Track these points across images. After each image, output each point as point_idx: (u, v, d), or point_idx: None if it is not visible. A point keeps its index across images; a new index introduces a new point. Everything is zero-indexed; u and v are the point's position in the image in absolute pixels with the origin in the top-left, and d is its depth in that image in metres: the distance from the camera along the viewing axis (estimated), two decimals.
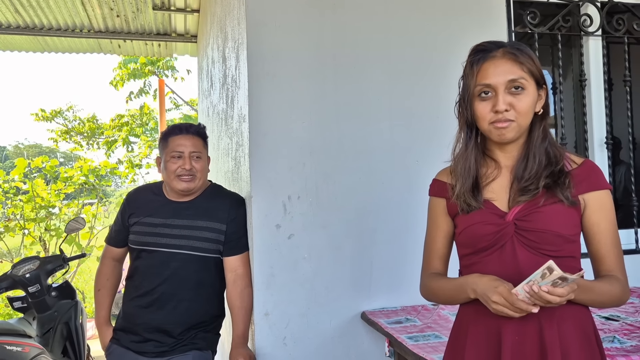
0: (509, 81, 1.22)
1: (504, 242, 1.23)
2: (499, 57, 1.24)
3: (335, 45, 2.26)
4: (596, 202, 1.25)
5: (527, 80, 1.23)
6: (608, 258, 1.25)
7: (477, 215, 1.27)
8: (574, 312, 1.22)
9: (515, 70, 1.22)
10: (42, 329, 2.80)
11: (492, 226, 1.24)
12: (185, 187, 2.07)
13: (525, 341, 1.19)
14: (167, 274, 2.04)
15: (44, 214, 6.51)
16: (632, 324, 1.86)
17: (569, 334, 1.19)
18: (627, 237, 2.68)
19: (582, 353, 1.19)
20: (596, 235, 1.25)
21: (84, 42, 5.27)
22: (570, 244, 1.23)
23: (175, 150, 2.08)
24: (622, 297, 1.24)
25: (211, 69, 3.74)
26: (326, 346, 2.19)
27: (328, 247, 2.20)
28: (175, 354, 2.01)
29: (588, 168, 1.27)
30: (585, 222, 1.26)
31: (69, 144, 12.27)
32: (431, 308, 2.19)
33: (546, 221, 1.21)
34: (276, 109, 2.18)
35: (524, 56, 1.24)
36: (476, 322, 1.26)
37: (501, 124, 1.23)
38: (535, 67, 1.25)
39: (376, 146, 2.28)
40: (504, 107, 1.21)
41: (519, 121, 1.23)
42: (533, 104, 1.24)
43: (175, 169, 2.07)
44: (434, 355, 1.62)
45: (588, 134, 2.76)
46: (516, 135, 1.25)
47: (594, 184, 1.25)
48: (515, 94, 1.22)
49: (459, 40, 2.27)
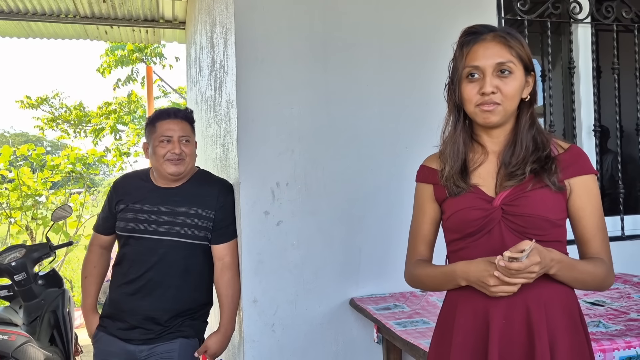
0: (497, 64, 1.22)
1: (492, 227, 1.24)
2: (489, 40, 1.24)
3: (325, 30, 2.23)
4: (582, 186, 1.25)
5: (515, 65, 1.23)
6: (594, 242, 1.26)
7: (465, 201, 1.27)
8: (561, 296, 1.23)
9: (504, 54, 1.23)
10: (29, 318, 2.78)
11: (479, 211, 1.25)
12: (175, 171, 2.05)
13: (513, 325, 1.20)
14: (155, 261, 2.03)
15: (30, 202, 6.44)
16: (617, 309, 1.88)
17: (556, 317, 1.20)
18: (613, 224, 2.71)
19: (568, 336, 1.20)
20: (582, 220, 1.26)
21: (69, 28, 5.17)
22: (557, 228, 1.23)
23: (164, 135, 2.06)
24: (606, 279, 1.25)
25: (199, 55, 3.69)
26: (314, 332, 2.19)
27: (317, 234, 2.20)
28: (162, 342, 2.00)
29: (575, 153, 1.28)
30: (571, 206, 1.26)
31: (56, 132, 12.14)
32: (419, 295, 2.20)
33: (533, 206, 1.21)
34: (265, 95, 2.16)
35: (514, 40, 1.24)
36: (464, 307, 1.27)
37: (487, 107, 1.23)
38: (525, 53, 1.25)
39: (365, 132, 2.27)
40: (490, 89, 1.21)
41: (504, 105, 1.23)
42: (520, 89, 1.25)
43: (164, 153, 2.05)
44: (422, 340, 1.63)
45: (576, 121, 2.77)
46: (501, 119, 1.25)
47: (580, 168, 1.26)
48: (502, 77, 1.23)
49: (449, 27, 2.25)
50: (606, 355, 1.49)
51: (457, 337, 1.26)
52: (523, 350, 1.19)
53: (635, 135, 2.87)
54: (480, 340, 1.23)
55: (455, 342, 1.26)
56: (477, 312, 1.24)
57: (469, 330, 1.25)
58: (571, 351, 1.19)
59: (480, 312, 1.23)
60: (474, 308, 1.24)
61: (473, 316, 1.24)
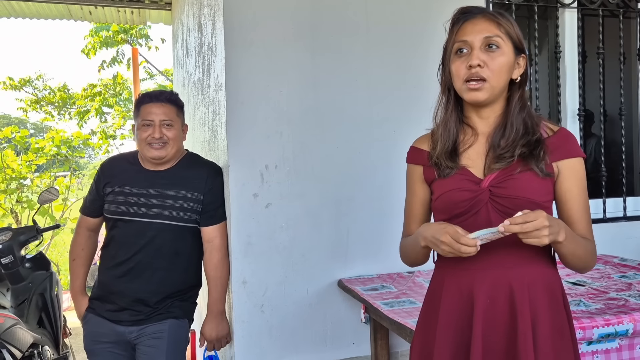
0: (484, 38, 1.24)
1: (479, 208, 1.26)
2: (479, 17, 1.26)
3: (313, 12, 2.23)
4: (570, 169, 1.27)
5: (504, 40, 1.25)
6: (580, 223, 1.28)
7: (453, 182, 1.29)
8: (544, 277, 1.26)
9: (492, 29, 1.24)
10: (17, 300, 2.77)
11: (467, 192, 1.27)
12: (156, 155, 2.05)
13: (497, 305, 1.23)
14: (143, 243, 2.03)
15: (15, 185, 6.36)
16: (597, 289, 1.94)
17: (539, 298, 1.23)
18: (596, 207, 2.77)
19: (549, 316, 1.24)
20: (568, 202, 1.28)
21: (52, 8, 5.07)
22: (543, 210, 1.25)
23: (145, 119, 2.05)
24: (593, 258, 1.29)
25: (186, 37, 3.65)
26: (303, 313, 2.22)
27: (305, 216, 2.22)
28: (151, 322, 2.02)
29: (563, 136, 1.29)
30: (558, 188, 1.28)
31: (39, 114, 11.95)
32: (406, 275, 2.24)
33: (520, 188, 1.23)
34: (253, 77, 2.15)
35: (503, 18, 1.26)
36: (449, 286, 1.30)
37: (473, 85, 1.24)
38: (514, 32, 1.27)
39: (354, 115, 2.28)
40: (476, 62, 1.23)
41: (491, 81, 1.24)
42: (507, 65, 1.25)
43: (145, 137, 2.04)
44: (409, 319, 1.67)
45: (561, 105, 2.80)
46: (489, 97, 1.26)
47: (569, 151, 1.28)
48: (489, 51, 1.24)
49: (438, 10, 2.26)
50: (586, 333, 1.54)
51: (442, 316, 1.29)
52: (506, 329, 1.22)
53: (619, 119, 2.91)
54: (464, 319, 1.26)
55: (440, 320, 1.29)
56: (462, 292, 1.27)
57: (454, 309, 1.28)
58: (552, 330, 1.23)
59: (465, 291, 1.26)
60: (459, 288, 1.28)
61: (459, 295, 1.28)
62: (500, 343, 1.22)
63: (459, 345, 1.26)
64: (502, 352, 1.22)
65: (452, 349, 1.26)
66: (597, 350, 1.61)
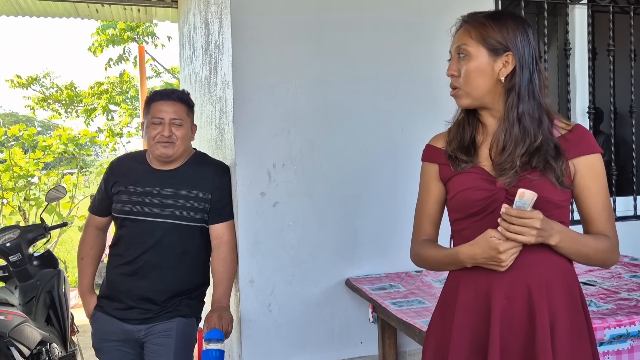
0: (455, 48, 1.30)
1: (495, 208, 1.24)
2: (461, 28, 1.31)
3: (320, 9, 2.22)
4: (587, 166, 1.26)
5: (471, 47, 1.26)
6: (599, 221, 1.27)
7: (469, 181, 1.28)
8: (562, 276, 1.24)
9: (463, 38, 1.28)
10: (25, 298, 2.78)
11: (483, 192, 1.25)
12: (163, 153, 2.04)
13: (514, 304, 1.22)
14: (152, 243, 2.03)
15: (22, 183, 6.39)
16: (608, 289, 1.92)
17: (557, 297, 1.22)
18: None
19: (568, 315, 1.22)
20: (587, 199, 1.27)
21: (59, 6, 5.08)
22: (560, 209, 1.24)
23: (155, 117, 2.05)
24: (611, 255, 1.27)
25: (193, 35, 3.65)
26: (311, 312, 2.22)
27: (313, 215, 2.21)
28: (159, 321, 2.02)
29: (579, 133, 1.28)
30: (576, 186, 1.27)
31: (47, 112, 12.03)
32: (414, 275, 2.23)
33: (536, 186, 1.21)
34: (261, 75, 2.15)
35: (473, 23, 1.27)
36: (466, 286, 1.28)
37: (452, 92, 1.31)
38: (489, 34, 1.24)
39: (361, 113, 2.27)
40: (449, 72, 1.30)
41: (464, 88, 1.28)
42: (477, 70, 1.25)
43: (154, 135, 2.04)
44: (417, 320, 1.66)
45: (571, 103, 2.78)
46: (472, 102, 1.29)
47: (585, 148, 1.26)
48: (461, 60, 1.28)
49: (446, 7, 2.24)
50: (597, 333, 1.53)
51: (458, 315, 1.27)
52: (524, 329, 1.21)
53: (629, 117, 2.88)
54: (482, 319, 1.24)
55: (457, 320, 1.27)
56: (479, 292, 1.25)
57: (470, 309, 1.26)
58: (571, 330, 1.22)
59: (482, 291, 1.25)
60: (475, 287, 1.26)
61: (475, 295, 1.26)
62: (518, 343, 1.21)
63: (475, 345, 1.24)
64: (519, 352, 1.20)
65: (468, 349, 1.25)
66: (608, 352, 1.59)
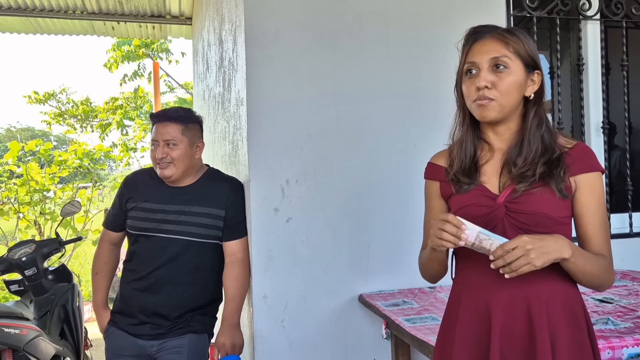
0: (491, 59, 1.24)
1: (495, 224, 1.24)
2: (487, 38, 1.26)
3: (334, 26, 2.24)
4: (587, 183, 1.25)
5: (512, 60, 1.24)
6: (596, 239, 1.26)
7: (470, 198, 1.29)
8: (562, 293, 1.24)
9: (499, 49, 1.24)
10: (40, 312, 2.81)
11: (483, 208, 1.26)
12: (161, 174, 2.07)
13: (514, 321, 1.22)
14: (165, 259, 2.04)
15: (38, 197, 6.48)
16: (626, 307, 1.89)
17: (557, 313, 1.22)
18: (621, 221, 2.70)
19: (569, 332, 1.21)
20: (584, 217, 1.26)
21: (77, 24, 5.19)
22: (561, 226, 1.23)
23: (153, 138, 2.11)
24: (609, 275, 1.26)
25: (207, 51, 3.70)
26: (324, 328, 2.21)
27: (326, 230, 2.21)
28: (172, 337, 2.02)
29: (580, 150, 1.28)
30: (575, 203, 1.26)
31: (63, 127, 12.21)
32: (428, 291, 2.22)
33: (537, 203, 1.22)
34: (274, 92, 2.17)
35: (512, 37, 1.26)
36: (466, 302, 1.29)
37: (481, 102, 1.25)
38: (525, 50, 1.25)
39: (374, 129, 2.28)
40: (483, 84, 1.23)
41: (499, 100, 1.24)
42: (517, 85, 1.25)
43: (153, 157, 2.10)
44: (431, 337, 1.64)
45: (585, 118, 2.76)
46: (498, 115, 1.26)
47: (586, 166, 1.26)
48: (497, 72, 1.24)
49: (458, 22, 2.25)
50: (615, 352, 1.50)
51: (459, 331, 1.28)
52: (524, 345, 1.21)
53: None
54: (482, 335, 1.25)
55: (458, 336, 1.28)
56: (479, 308, 1.26)
57: (471, 325, 1.27)
58: (572, 346, 1.21)
59: (481, 307, 1.25)
60: (475, 304, 1.27)
61: (475, 311, 1.27)
62: (519, 359, 1.20)
63: None
64: None
65: None
66: None
